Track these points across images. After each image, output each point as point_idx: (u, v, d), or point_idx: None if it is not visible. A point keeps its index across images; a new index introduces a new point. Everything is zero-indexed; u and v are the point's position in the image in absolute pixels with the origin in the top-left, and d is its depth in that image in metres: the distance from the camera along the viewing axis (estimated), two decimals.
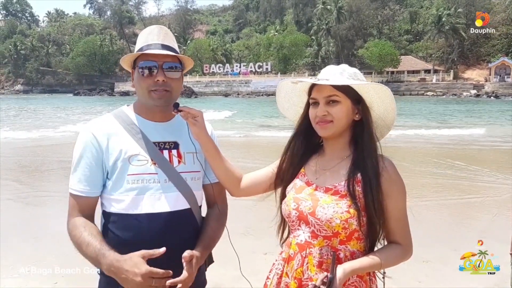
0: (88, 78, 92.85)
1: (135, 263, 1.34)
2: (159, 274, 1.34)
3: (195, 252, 1.47)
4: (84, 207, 1.54)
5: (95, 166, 1.52)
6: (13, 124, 21.78)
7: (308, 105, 1.53)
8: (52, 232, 4.94)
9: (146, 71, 1.53)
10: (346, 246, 1.43)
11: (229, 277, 3.60)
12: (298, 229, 1.48)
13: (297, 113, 1.64)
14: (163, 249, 1.38)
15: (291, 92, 1.63)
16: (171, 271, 1.36)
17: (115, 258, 1.37)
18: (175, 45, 1.61)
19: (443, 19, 64.90)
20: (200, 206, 1.69)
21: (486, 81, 60.08)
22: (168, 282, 1.36)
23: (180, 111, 1.51)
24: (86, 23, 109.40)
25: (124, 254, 1.38)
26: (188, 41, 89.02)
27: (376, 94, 1.48)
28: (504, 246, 2.47)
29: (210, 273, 1.76)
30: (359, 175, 1.44)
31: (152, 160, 1.54)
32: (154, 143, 1.57)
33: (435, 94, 58.26)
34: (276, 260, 1.58)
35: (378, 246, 1.51)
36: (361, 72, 1.57)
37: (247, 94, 67.96)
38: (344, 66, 1.52)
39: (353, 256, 1.43)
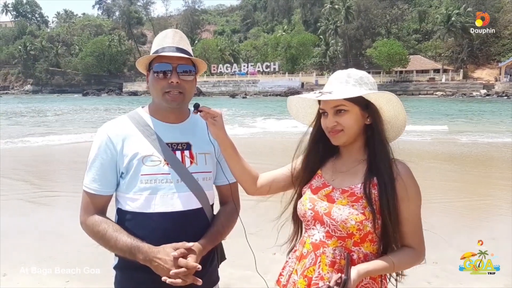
0: (96, 78, 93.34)
1: (167, 253, 1.46)
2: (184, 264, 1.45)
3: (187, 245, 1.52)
4: (99, 204, 1.59)
5: (108, 167, 1.57)
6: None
7: (320, 113, 1.55)
8: (62, 232, 5.00)
9: (161, 74, 1.57)
10: (360, 248, 1.44)
11: (237, 276, 3.63)
12: (313, 228, 1.50)
13: (312, 120, 1.65)
14: (191, 244, 1.50)
15: (303, 102, 1.66)
16: (198, 265, 1.48)
17: (150, 249, 1.48)
18: (189, 48, 1.64)
19: (453, 18, 64.08)
20: (212, 205, 1.72)
21: (496, 80, 59.40)
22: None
23: (200, 111, 1.55)
24: (94, 24, 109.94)
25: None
26: (196, 41, 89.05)
27: (383, 98, 1.48)
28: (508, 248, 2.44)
29: (219, 272, 1.79)
30: (375, 178, 1.45)
31: (165, 160, 1.57)
32: (167, 144, 1.60)
33: (444, 94, 57.66)
34: (290, 258, 1.61)
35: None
36: (370, 72, 1.57)
37: (255, 94, 67.82)
38: (350, 71, 1.51)
39: (366, 258, 1.44)
